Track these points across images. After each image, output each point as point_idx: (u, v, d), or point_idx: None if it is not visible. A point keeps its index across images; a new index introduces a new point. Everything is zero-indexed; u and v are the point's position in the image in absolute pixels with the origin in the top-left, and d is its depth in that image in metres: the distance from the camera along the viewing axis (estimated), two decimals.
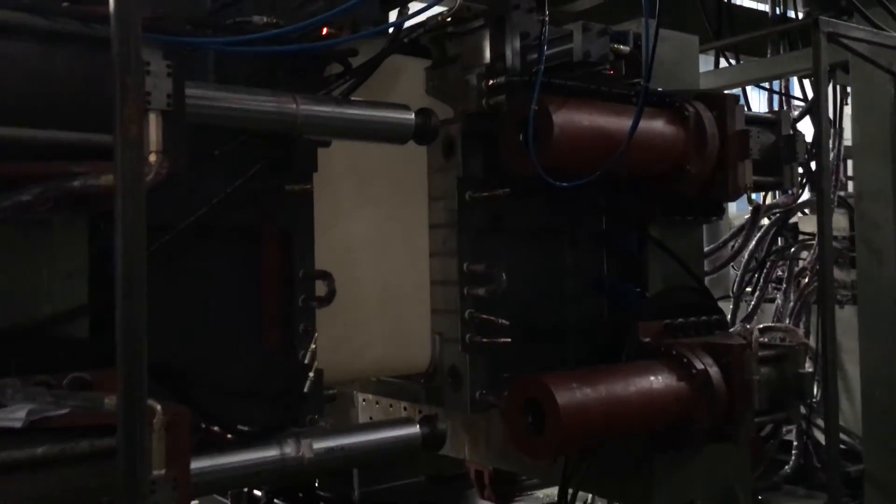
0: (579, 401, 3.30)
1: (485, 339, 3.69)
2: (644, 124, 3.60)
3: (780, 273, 6.46)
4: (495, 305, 3.69)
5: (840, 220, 6.32)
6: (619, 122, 3.43)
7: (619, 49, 3.69)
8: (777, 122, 4.18)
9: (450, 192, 3.77)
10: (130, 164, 1.95)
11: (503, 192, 3.65)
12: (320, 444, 3.00)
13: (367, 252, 3.67)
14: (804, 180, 5.43)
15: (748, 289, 6.07)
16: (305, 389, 3.02)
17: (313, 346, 3.09)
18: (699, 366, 3.66)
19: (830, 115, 6.07)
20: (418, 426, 3.31)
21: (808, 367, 4.80)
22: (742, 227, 5.81)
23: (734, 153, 3.79)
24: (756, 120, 4.16)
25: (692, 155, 3.71)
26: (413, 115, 3.08)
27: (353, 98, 3.15)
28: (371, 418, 4.75)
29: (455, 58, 3.83)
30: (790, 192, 5.35)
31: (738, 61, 6.43)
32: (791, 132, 4.16)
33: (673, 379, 3.63)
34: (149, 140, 2.25)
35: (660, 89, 3.82)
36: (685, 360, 3.67)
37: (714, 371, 3.67)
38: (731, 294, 6.01)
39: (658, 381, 3.59)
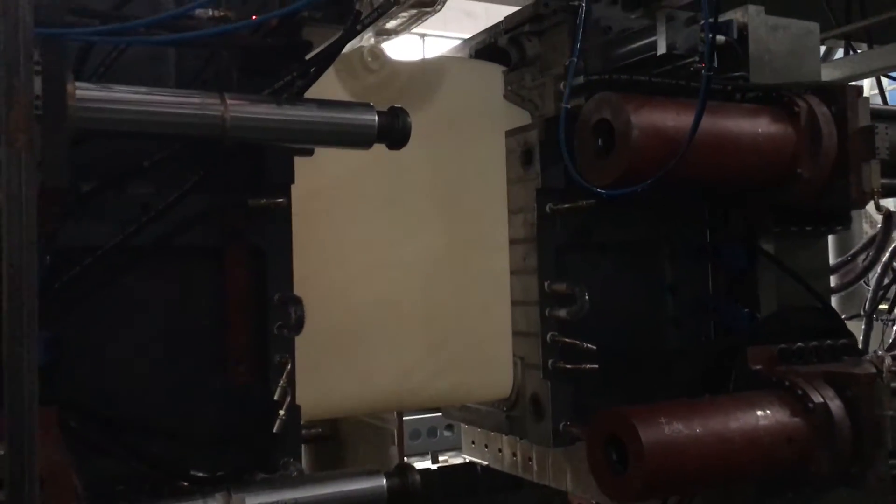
0: (669, 438, 2.91)
1: (569, 365, 3.37)
2: (745, 124, 3.20)
3: None
4: (581, 328, 3.36)
5: None
6: (710, 122, 3.03)
7: None
8: None
9: (529, 204, 3.49)
10: (18, 177, 1.70)
11: (587, 203, 3.32)
12: (258, 500, 2.52)
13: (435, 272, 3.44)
14: None
15: (883, 306, 5.36)
16: (276, 429, 2.63)
17: (283, 381, 2.68)
18: (817, 399, 3.19)
19: None
20: (384, 479, 2.80)
21: None
22: (874, 238, 5.15)
23: (857, 153, 3.28)
24: (884, 114, 3.62)
25: (804, 157, 3.25)
26: (375, 115, 2.64)
27: (308, 98, 2.69)
28: (473, 442, 4.52)
29: (533, 59, 3.55)
30: None
31: (870, 48, 5.73)
32: None
33: (785, 414, 3.16)
34: None
35: (765, 83, 3.37)
36: (801, 391, 3.20)
37: (836, 405, 3.19)
38: (862, 313, 5.33)
39: (767, 416, 3.14)
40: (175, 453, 2.58)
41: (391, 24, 5.20)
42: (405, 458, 4.20)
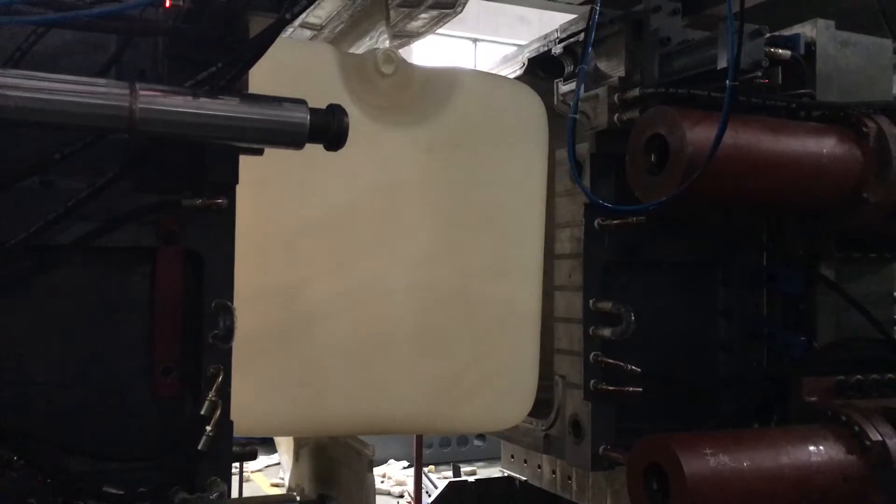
0: (713, 471, 2.78)
1: (611, 387, 3.25)
2: (807, 143, 3.03)
3: None
4: (626, 349, 3.24)
5: None
6: (771, 141, 2.88)
7: (776, 54, 3.12)
8: None
9: (576, 218, 3.38)
10: None
11: (638, 220, 3.20)
12: None
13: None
14: None
15: None
16: (201, 446, 2.45)
17: (212, 394, 2.49)
18: (875, 436, 3.02)
19: None
20: None
21: None
22: None
23: None
24: None
25: (871, 180, 3.07)
26: (307, 113, 2.39)
27: (237, 92, 2.45)
28: (513, 457, 4.42)
29: (588, 69, 3.43)
30: None
31: None
32: None
33: (840, 451, 3.00)
34: None
35: (832, 101, 3.21)
36: (857, 427, 3.03)
37: (895, 444, 2.99)
38: None
39: (820, 452, 2.98)
40: (92, 468, 2.40)
41: (413, 26, 5.13)
42: (427, 467, 4.03)
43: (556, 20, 6.00)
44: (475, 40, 17.03)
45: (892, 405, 3.19)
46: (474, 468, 10.73)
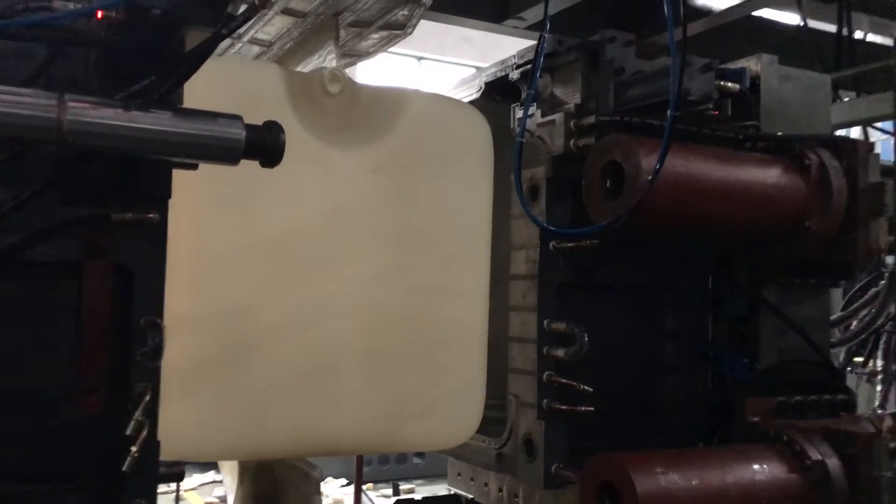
0: (664, 489, 2.85)
1: (564, 406, 3.31)
2: (754, 173, 3.16)
3: None
4: (578, 369, 3.30)
5: None
6: (722, 171, 3.00)
7: (725, 87, 3.26)
8: None
9: (532, 240, 3.44)
10: None
11: (592, 243, 3.28)
12: None
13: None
14: None
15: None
16: (125, 467, 2.37)
17: (139, 414, 2.42)
18: (815, 455, 3.13)
19: None
20: None
21: None
22: (876, 294, 5.14)
23: (866, 209, 3.25)
24: (893, 171, 3.60)
25: (814, 210, 3.22)
26: (243, 129, 2.38)
27: (172, 106, 2.42)
28: (459, 474, 4.44)
29: (544, 95, 3.52)
30: None
31: (858, 96, 5.73)
32: None
33: (783, 470, 3.11)
34: None
35: (778, 133, 3.35)
36: (799, 447, 3.15)
37: (834, 463, 3.13)
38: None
39: (764, 471, 3.08)
40: (13, 490, 2.34)
41: (363, 46, 5.16)
42: (365, 485, 4.01)
43: (499, 42, 6.10)
44: (420, 58, 17.13)
45: (831, 425, 3.30)
46: (413, 486, 10.71)
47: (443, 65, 16.84)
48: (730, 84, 3.28)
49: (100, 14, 2.28)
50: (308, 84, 3.16)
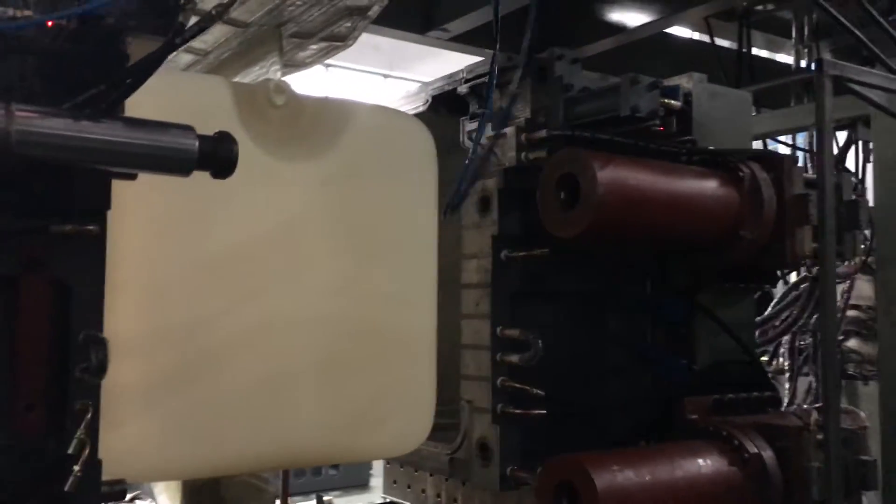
0: (621, 486, 2.99)
1: (518, 410, 3.42)
2: (695, 185, 3.37)
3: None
4: (530, 374, 3.42)
5: (865, 289, 5.88)
6: (666, 183, 3.19)
7: (669, 104, 3.46)
8: (838, 187, 3.89)
9: (484, 250, 3.55)
10: None
11: (542, 252, 3.41)
12: None
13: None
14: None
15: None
16: (68, 487, 2.28)
17: (81, 432, 2.34)
18: (752, 449, 3.33)
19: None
20: None
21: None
22: (798, 297, 5.52)
23: (793, 218, 3.50)
24: (815, 183, 3.87)
25: (748, 220, 3.44)
26: (195, 140, 2.34)
27: (121, 116, 2.37)
28: (395, 482, 4.48)
29: (494, 109, 3.63)
30: (850, 262, 5.02)
31: (758, 112, 6.11)
32: (853, 198, 3.86)
33: (724, 463, 3.30)
34: None
35: (711, 147, 3.57)
36: (737, 442, 3.35)
37: (769, 455, 3.34)
38: None
39: (707, 465, 3.27)
40: None
41: (301, 56, 5.16)
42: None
43: (407, 50, 6.07)
44: (328, 66, 17.08)
45: (763, 421, 3.53)
46: (330, 497, 10.63)
47: (350, 72, 16.82)
48: (673, 101, 3.47)
49: (50, 22, 2.23)
50: (253, 95, 3.14)
